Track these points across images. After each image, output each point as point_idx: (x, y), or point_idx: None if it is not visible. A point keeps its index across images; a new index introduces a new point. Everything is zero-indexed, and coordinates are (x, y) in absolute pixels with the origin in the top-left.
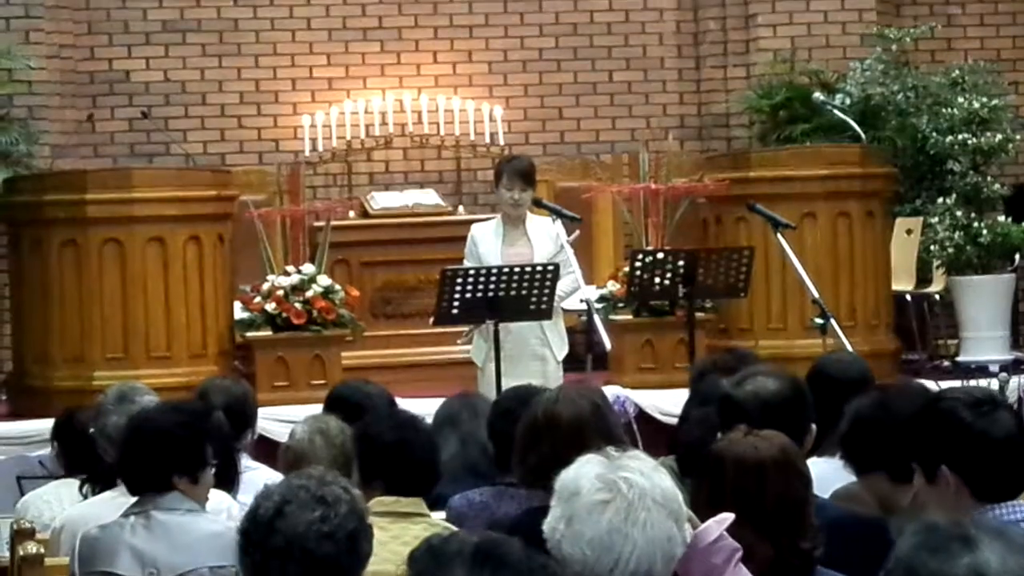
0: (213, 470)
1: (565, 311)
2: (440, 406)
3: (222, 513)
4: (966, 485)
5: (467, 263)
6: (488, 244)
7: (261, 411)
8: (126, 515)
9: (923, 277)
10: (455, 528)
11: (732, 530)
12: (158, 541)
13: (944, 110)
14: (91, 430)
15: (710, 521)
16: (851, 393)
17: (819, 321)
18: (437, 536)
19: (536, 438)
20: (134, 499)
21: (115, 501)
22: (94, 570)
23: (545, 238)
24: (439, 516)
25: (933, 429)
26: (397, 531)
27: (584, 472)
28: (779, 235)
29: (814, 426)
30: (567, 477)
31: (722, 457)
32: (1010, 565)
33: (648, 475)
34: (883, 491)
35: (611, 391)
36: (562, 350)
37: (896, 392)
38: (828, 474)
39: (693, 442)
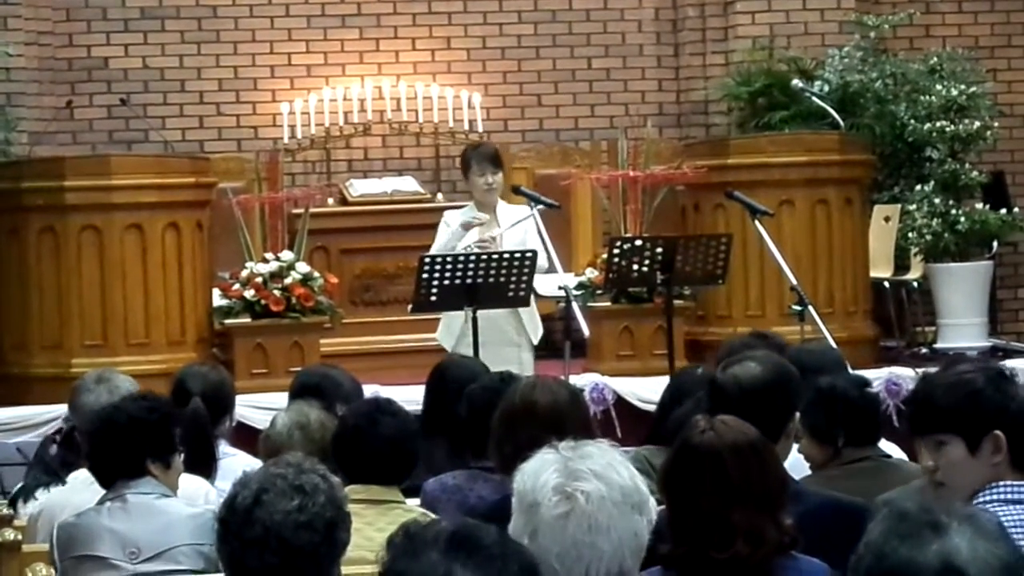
0: (182, 456)
1: (541, 297)
2: (437, 382)
3: (199, 499)
4: (1010, 453)
5: (434, 248)
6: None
7: (239, 398)
8: (101, 502)
9: (901, 264)
10: (431, 515)
11: (724, 514)
12: (136, 522)
13: (922, 97)
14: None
15: None
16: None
17: (797, 308)
18: (415, 522)
19: (513, 425)
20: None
21: (93, 485)
22: (74, 555)
23: (519, 231)
24: (415, 503)
25: (984, 400)
26: (371, 517)
27: (542, 481)
28: (757, 222)
29: (798, 414)
30: (525, 483)
31: (696, 446)
32: (980, 551)
33: (604, 475)
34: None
35: (589, 378)
36: (536, 334)
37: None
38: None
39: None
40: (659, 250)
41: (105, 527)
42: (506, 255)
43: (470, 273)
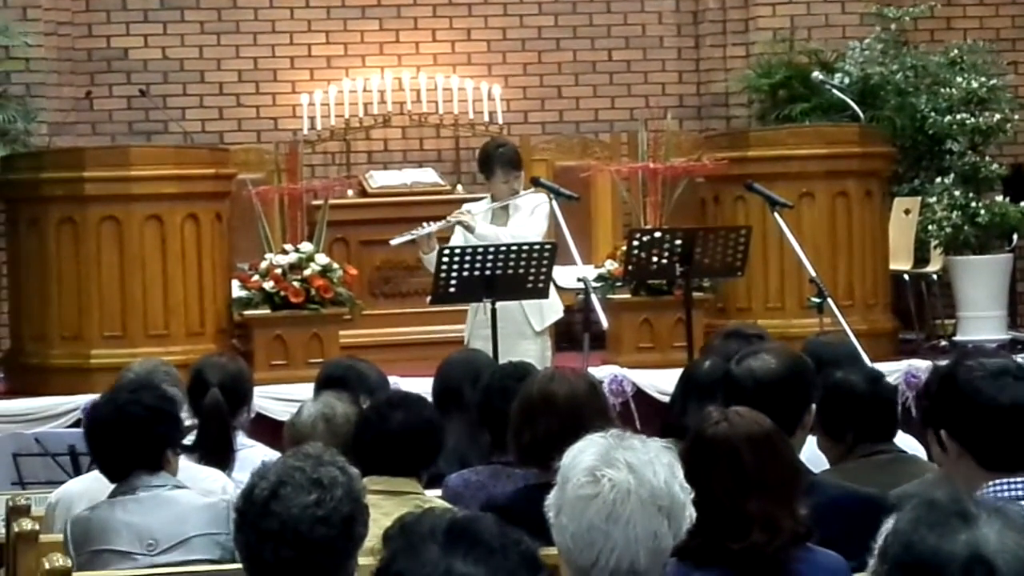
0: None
1: (561, 289)
2: (439, 375)
3: (216, 490)
4: (969, 453)
5: (454, 241)
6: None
7: (259, 390)
8: (113, 496)
9: (921, 257)
10: (449, 506)
11: (739, 504)
12: (152, 514)
13: (943, 90)
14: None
15: None
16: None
17: (816, 300)
18: (411, 514)
19: (531, 417)
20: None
21: None
22: (92, 550)
23: (525, 212)
24: (435, 493)
25: (942, 395)
26: (389, 507)
27: (579, 461)
28: (776, 214)
29: (814, 406)
30: (568, 458)
31: (711, 438)
32: (1008, 542)
33: (638, 470)
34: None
35: (608, 370)
36: (540, 323)
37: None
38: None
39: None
40: (678, 242)
41: (121, 520)
42: (524, 246)
43: (488, 265)
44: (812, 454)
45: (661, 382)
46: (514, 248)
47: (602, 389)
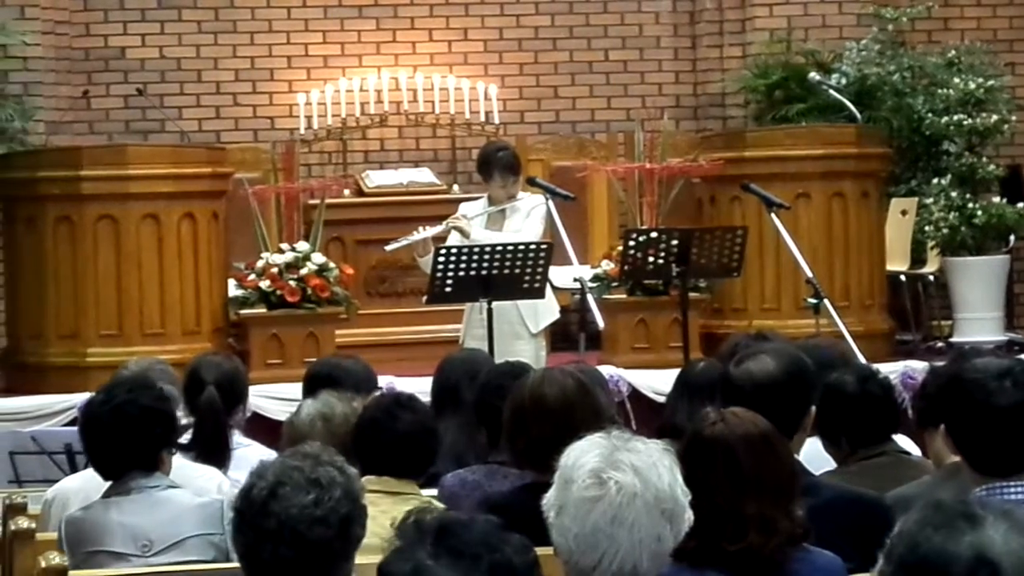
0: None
1: (557, 288)
2: (439, 372)
3: (212, 489)
4: (963, 456)
5: (450, 242)
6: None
7: (255, 388)
8: (107, 495)
9: (917, 258)
10: (440, 506)
11: (737, 506)
12: (146, 515)
13: (940, 91)
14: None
15: None
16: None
17: (813, 301)
18: (417, 510)
19: (524, 422)
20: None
21: None
22: (87, 551)
23: (522, 215)
24: (431, 493)
25: (943, 395)
26: (386, 506)
27: (582, 461)
28: (773, 215)
29: (814, 408)
30: (569, 458)
31: (708, 438)
32: (1014, 545)
33: (643, 473)
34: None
35: (604, 370)
36: (536, 325)
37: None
38: (822, 454)
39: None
40: (674, 242)
41: (115, 521)
42: (520, 246)
43: (485, 265)
44: (811, 455)
45: (657, 382)
46: (510, 248)
47: (598, 380)
